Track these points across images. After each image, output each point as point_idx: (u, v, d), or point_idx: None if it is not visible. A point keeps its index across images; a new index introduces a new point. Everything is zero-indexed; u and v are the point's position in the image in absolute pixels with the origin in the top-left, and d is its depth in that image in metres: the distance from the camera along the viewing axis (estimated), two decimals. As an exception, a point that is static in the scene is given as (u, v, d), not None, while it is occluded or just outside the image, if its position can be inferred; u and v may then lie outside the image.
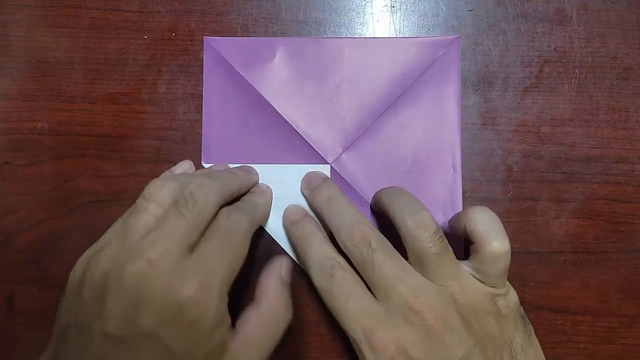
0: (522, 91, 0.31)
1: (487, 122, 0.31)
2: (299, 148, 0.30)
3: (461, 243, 0.28)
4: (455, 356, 0.22)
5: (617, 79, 0.31)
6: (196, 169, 0.29)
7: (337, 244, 0.26)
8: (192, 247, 0.22)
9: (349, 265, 0.25)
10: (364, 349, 0.23)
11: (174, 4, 0.31)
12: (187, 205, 0.22)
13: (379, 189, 0.28)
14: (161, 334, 0.20)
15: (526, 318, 0.25)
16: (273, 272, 0.25)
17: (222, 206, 0.24)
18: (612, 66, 0.31)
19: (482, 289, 0.24)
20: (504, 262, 0.24)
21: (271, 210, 0.29)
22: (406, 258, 0.24)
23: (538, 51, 0.31)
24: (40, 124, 0.31)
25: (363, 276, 0.24)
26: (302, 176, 0.30)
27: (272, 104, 0.30)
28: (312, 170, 0.30)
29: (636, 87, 0.31)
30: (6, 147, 0.30)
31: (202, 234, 0.22)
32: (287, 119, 0.30)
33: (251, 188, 0.29)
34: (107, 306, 0.20)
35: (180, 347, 0.20)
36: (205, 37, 0.31)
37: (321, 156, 0.30)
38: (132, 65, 0.31)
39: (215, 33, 0.31)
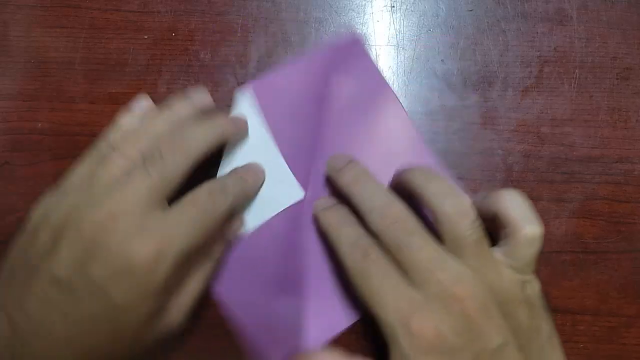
0: (522, 91, 0.31)
1: (487, 122, 0.31)
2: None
3: None
4: (492, 344, 0.21)
5: (617, 79, 0.31)
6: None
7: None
8: (157, 207, 0.22)
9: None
10: (401, 334, 0.21)
11: (174, 4, 0.31)
12: (155, 163, 0.22)
13: (401, 169, 0.26)
14: (108, 287, 0.20)
15: (547, 308, 0.25)
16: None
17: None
18: (612, 66, 0.31)
19: (514, 277, 0.24)
20: (538, 246, 0.23)
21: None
22: None
23: (538, 51, 0.31)
24: (40, 124, 0.31)
25: (396, 258, 0.23)
26: (274, 193, 0.28)
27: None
28: (336, 154, 0.28)
29: (636, 87, 0.31)
30: (6, 147, 0.30)
31: (171, 193, 0.22)
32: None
33: (240, 134, 0.28)
34: (61, 250, 0.20)
35: (124, 304, 0.20)
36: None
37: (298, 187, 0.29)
38: (132, 65, 0.31)
39: (215, 33, 0.31)
